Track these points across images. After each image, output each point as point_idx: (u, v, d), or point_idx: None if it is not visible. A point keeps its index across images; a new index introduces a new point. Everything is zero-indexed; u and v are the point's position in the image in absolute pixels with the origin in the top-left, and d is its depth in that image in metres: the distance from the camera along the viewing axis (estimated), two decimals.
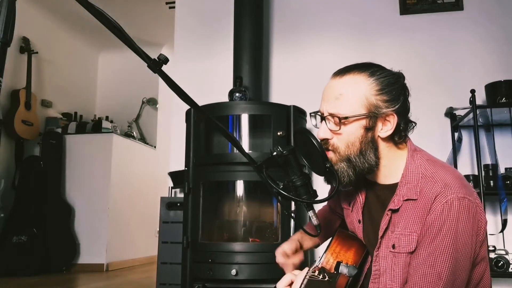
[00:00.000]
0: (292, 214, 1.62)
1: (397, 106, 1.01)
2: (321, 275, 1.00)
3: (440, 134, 2.70)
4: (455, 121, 2.64)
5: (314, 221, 1.05)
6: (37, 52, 4.52)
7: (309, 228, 1.35)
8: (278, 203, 2.21)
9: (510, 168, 2.45)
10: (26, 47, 4.37)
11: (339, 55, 2.93)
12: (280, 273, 1.20)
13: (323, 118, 1.05)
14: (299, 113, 2.34)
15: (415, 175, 1.00)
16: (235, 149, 2.19)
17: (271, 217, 2.31)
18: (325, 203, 1.40)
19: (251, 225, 2.32)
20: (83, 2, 0.79)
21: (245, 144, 2.33)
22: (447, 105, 2.69)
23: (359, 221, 1.13)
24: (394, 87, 1.02)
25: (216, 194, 2.41)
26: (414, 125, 1.07)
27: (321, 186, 1.13)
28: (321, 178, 1.07)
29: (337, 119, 1.01)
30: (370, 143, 1.01)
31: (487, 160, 2.50)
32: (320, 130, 1.05)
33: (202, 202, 2.20)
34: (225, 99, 2.47)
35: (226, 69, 2.77)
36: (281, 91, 2.98)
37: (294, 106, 2.29)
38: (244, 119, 2.34)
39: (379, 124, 1.02)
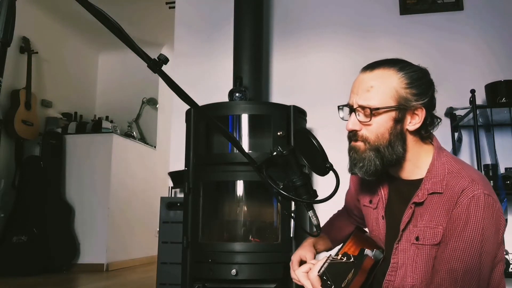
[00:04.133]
0: (292, 214, 1.62)
1: (425, 100, 1.04)
2: (345, 257, 0.97)
3: (440, 134, 2.67)
4: (455, 121, 2.64)
5: (314, 221, 1.05)
6: (37, 52, 4.52)
7: (329, 233, 1.35)
8: (278, 203, 2.21)
9: (510, 168, 2.45)
10: (26, 47, 4.37)
11: (339, 55, 2.93)
12: (280, 273, 1.20)
13: (352, 110, 1.07)
14: (299, 113, 2.34)
15: (441, 170, 1.02)
16: (235, 149, 2.18)
17: (271, 217, 2.31)
18: (328, 204, 1.40)
19: (251, 225, 2.32)
20: (83, 2, 0.79)
21: (245, 144, 2.33)
22: (447, 105, 2.69)
23: (383, 217, 1.14)
24: (422, 82, 1.06)
25: (216, 194, 2.41)
26: (439, 121, 1.09)
27: (321, 186, 1.13)
28: (321, 178, 1.07)
29: (368, 111, 1.03)
30: (399, 135, 1.04)
31: (487, 160, 2.50)
32: (349, 122, 1.07)
33: (202, 202, 2.19)
34: (225, 99, 2.47)
35: (226, 69, 2.77)
36: (281, 91, 2.97)
37: (294, 106, 2.29)
38: (244, 119, 2.34)
39: (408, 117, 1.04)
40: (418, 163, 1.07)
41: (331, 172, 1.06)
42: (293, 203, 1.65)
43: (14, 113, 4.12)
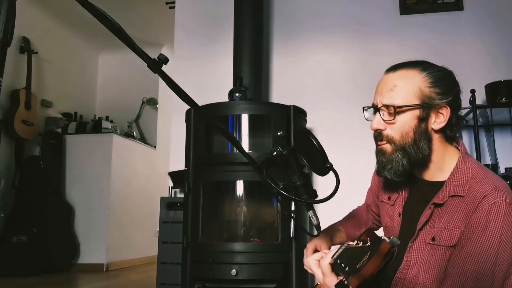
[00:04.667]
0: (292, 214, 1.62)
1: (450, 99, 1.04)
2: (361, 242, 0.93)
3: None
4: None
5: (314, 221, 1.05)
6: (37, 52, 4.51)
7: (346, 226, 1.35)
8: (278, 203, 2.21)
9: (510, 168, 2.45)
10: (26, 47, 4.37)
11: (339, 55, 2.93)
12: (280, 273, 1.20)
13: (377, 110, 1.08)
14: (299, 113, 2.34)
15: (465, 175, 1.02)
16: (235, 149, 2.18)
17: (271, 217, 2.31)
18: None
19: (251, 225, 2.32)
20: (83, 2, 0.79)
21: (245, 144, 2.33)
22: None
23: (399, 214, 1.14)
24: (446, 81, 1.06)
25: (216, 194, 2.41)
26: (465, 122, 1.09)
27: (321, 186, 1.13)
28: (321, 178, 1.07)
29: (392, 109, 1.04)
30: (424, 134, 1.04)
31: (487, 160, 2.50)
32: (373, 122, 1.08)
33: (202, 202, 2.19)
34: (225, 99, 2.47)
35: (226, 69, 2.77)
36: (281, 91, 2.97)
37: (294, 106, 2.29)
38: (244, 119, 2.34)
39: (433, 116, 1.04)
40: (442, 165, 1.07)
41: (331, 172, 1.06)
42: (293, 203, 1.65)
43: (14, 113, 4.12)
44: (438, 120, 1.04)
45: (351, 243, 0.93)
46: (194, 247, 2.15)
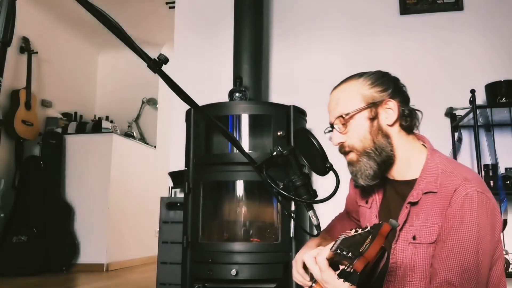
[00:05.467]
0: (292, 214, 1.62)
1: (391, 92, 1.09)
2: (360, 229, 0.89)
3: (440, 134, 2.70)
4: (455, 121, 2.64)
5: (314, 221, 1.05)
6: (37, 52, 4.52)
7: (332, 233, 1.35)
8: (278, 203, 2.21)
9: (510, 168, 2.45)
10: (26, 47, 4.37)
11: (339, 55, 2.93)
12: (280, 273, 1.20)
13: (332, 127, 1.13)
14: (299, 113, 2.34)
15: (435, 170, 1.03)
16: (235, 149, 2.18)
17: (271, 217, 2.31)
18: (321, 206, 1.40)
19: (251, 225, 2.32)
20: (83, 2, 0.79)
21: (245, 144, 2.33)
22: (447, 105, 2.69)
23: (376, 216, 1.15)
24: (384, 79, 1.11)
25: (216, 194, 2.41)
26: (421, 114, 1.13)
27: (321, 186, 1.13)
28: (321, 178, 1.07)
29: (341, 119, 1.09)
30: (380, 131, 1.07)
31: (487, 160, 2.50)
32: (333, 138, 1.12)
33: (202, 202, 2.19)
34: (225, 99, 2.47)
35: (226, 69, 2.77)
36: (281, 91, 2.97)
37: (294, 106, 2.29)
38: (244, 119, 2.34)
39: (382, 113, 1.08)
40: (409, 161, 1.08)
41: (331, 172, 1.06)
42: (293, 203, 1.65)
43: (14, 113, 4.12)
44: (388, 115, 1.08)
45: (348, 231, 0.90)
46: (194, 247, 2.15)
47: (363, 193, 1.23)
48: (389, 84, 1.10)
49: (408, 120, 1.09)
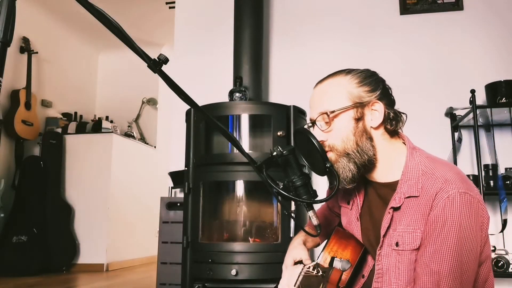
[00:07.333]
0: (292, 214, 1.62)
1: (378, 93, 1.05)
2: (315, 270, 1.02)
3: (440, 134, 2.70)
4: (455, 121, 2.64)
5: (314, 221, 1.05)
6: (37, 52, 4.52)
7: (309, 227, 1.35)
8: (278, 203, 2.21)
9: (510, 168, 2.45)
10: (26, 47, 4.37)
11: (339, 55, 2.93)
12: (280, 272, 1.21)
13: (313, 123, 1.08)
14: (299, 113, 2.34)
15: (415, 172, 1.01)
16: (235, 149, 2.18)
17: (271, 217, 2.31)
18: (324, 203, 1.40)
19: (251, 225, 2.32)
20: (83, 2, 0.79)
21: (245, 144, 2.33)
22: (447, 105, 2.69)
23: (357, 219, 1.14)
24: (372, 79, 1.08)
25: (216, 194, 2.41)
26: (405, 117, 1.09)
27: (321, 186, 1.13)
28: (321, 178, 1.07)
29: (326, 116, 1.05)
30: (364, 134, 1.04)
31: (487, 160, 2.50)
32: None
33: (202, 202, 2.19)
34: (225, 99, 2.47)
35: (226, 69, 2.77)
36: (281, 91, 2.97)
37: (294, 106, 2.29)
38: (244, 119, 2.34)
39: (368, 114, 1.05)
40: (390, 163, 1.06)
41: None
42: (293, 203, 1.65)
43: (14, 113, 4.12)
44: (374, 117, 1.05)
45: (308, 269, 1.03)
46: (194, 247, 2.15)
47: (344, 193, 1.20)
48: (377, 85, 1.06)
49: (393, 124, 1.06)
